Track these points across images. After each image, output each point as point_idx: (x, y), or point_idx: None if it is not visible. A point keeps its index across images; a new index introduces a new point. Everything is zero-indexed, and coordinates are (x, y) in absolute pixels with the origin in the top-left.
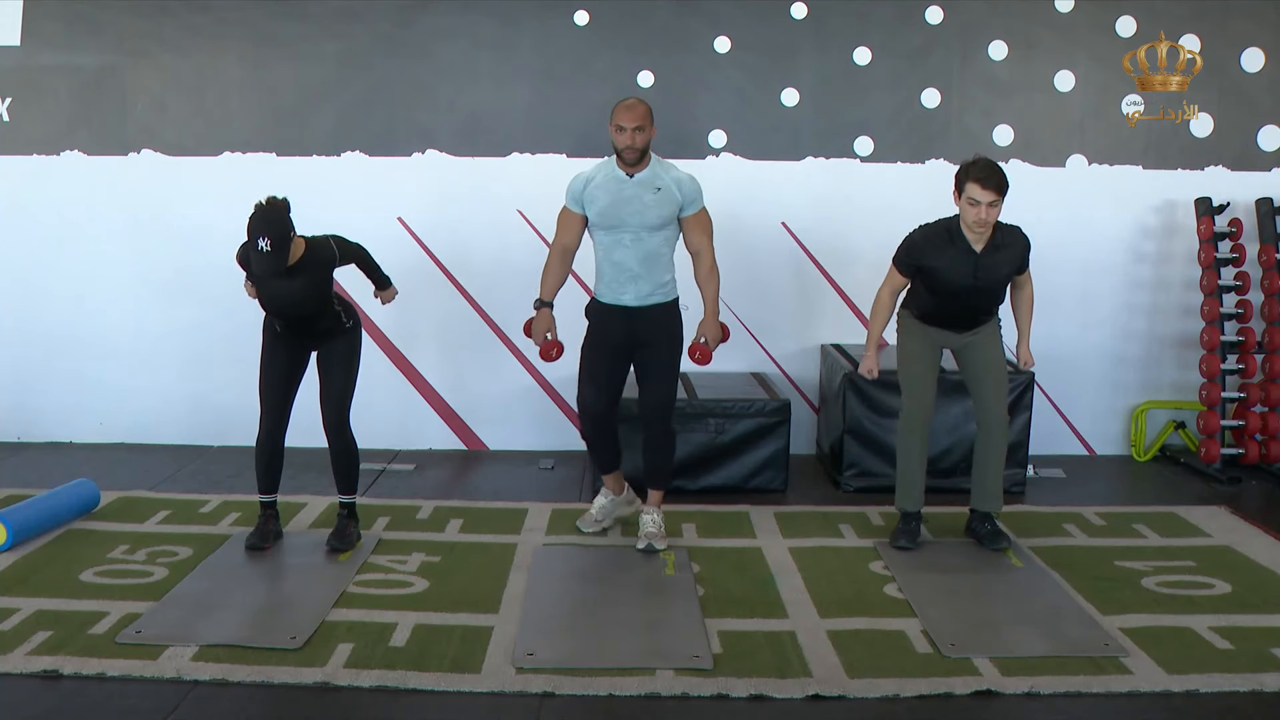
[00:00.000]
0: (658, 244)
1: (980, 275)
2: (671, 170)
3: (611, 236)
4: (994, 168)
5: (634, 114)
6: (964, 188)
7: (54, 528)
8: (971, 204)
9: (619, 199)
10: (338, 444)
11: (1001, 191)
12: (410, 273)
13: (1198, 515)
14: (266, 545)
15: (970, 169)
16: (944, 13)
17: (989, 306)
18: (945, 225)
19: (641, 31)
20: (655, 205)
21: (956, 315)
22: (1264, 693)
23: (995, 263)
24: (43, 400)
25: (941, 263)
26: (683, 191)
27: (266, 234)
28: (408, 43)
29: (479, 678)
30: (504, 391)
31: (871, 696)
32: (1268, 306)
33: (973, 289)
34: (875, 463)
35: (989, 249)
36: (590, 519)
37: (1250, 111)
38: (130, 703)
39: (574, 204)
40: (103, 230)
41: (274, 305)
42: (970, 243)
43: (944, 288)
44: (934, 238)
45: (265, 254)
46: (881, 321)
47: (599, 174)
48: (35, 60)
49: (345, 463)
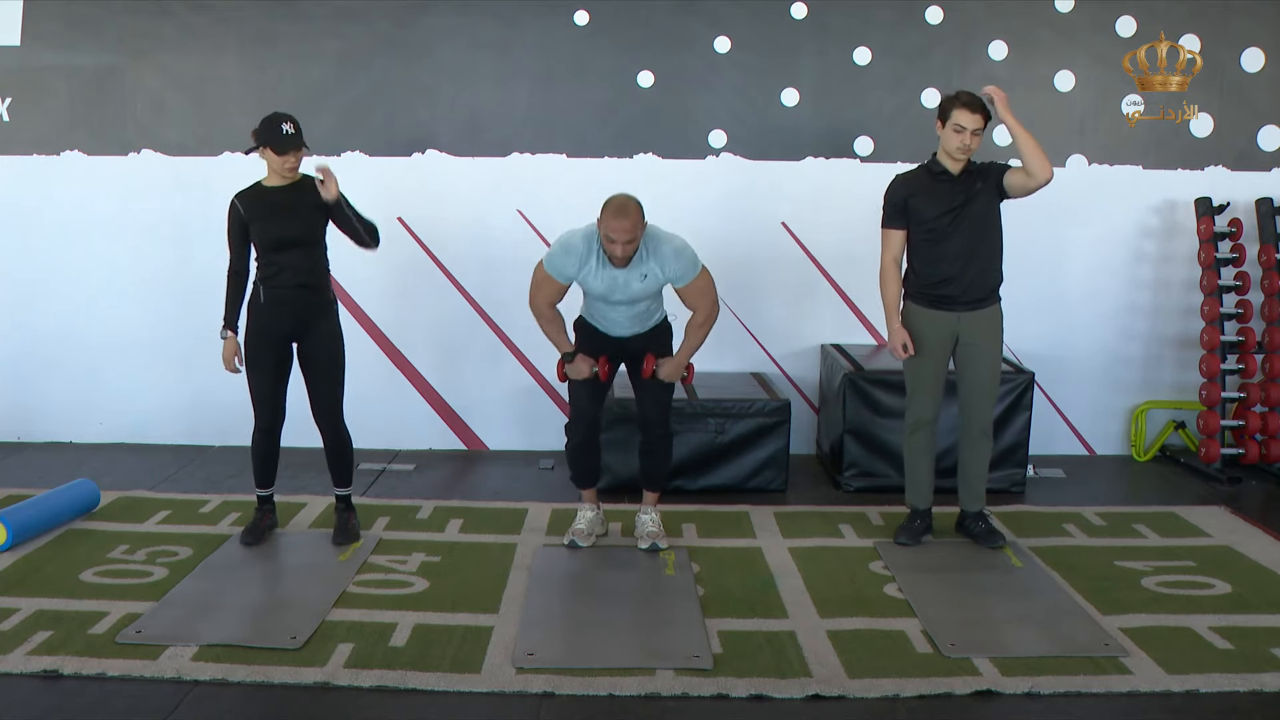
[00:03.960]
0: (648, 303)
1: (962, 199)
2: (660, 246)
3: (603, 300)
4: (978, 97)
5: (626, 225)
6: (950, 114)
7: (54, 528)
8: (957, 130)
9: (613, 285)
10: (331, 435)
11: (986, 117)
12: (410, 272)
13: (1198, 515)
14: (261, 541)
15: (957, 95)
16: (944, 13)
17: (987, 258)
18: (921, 165)
19: (641, 31)
20: (645, 286)
21: (957, 279)
22: (1264, 693)
23: (976, 189)
24: (43, 400)
25: (922, 195)
26: (667, 273)
27: (290, 120)
28: (408, 43)
29: (479, 678)
30: (504, 391)
31: (871, 696)
32: (1268, 306)
33: (961, 227)
34: (875, 463)
35: (965, 174)
36: (582, 534)
37: (1250, 111)
38: (130, 703)
39: (560, 278)
40: (103, 230)
41: (272, 232)
42: (947, 166)
43: (931, 219)
44: (912, 175)
45: (289, 135)
46: (893, 289)
47: (590, 259)
48: (35, 60)
49: (340, 454)
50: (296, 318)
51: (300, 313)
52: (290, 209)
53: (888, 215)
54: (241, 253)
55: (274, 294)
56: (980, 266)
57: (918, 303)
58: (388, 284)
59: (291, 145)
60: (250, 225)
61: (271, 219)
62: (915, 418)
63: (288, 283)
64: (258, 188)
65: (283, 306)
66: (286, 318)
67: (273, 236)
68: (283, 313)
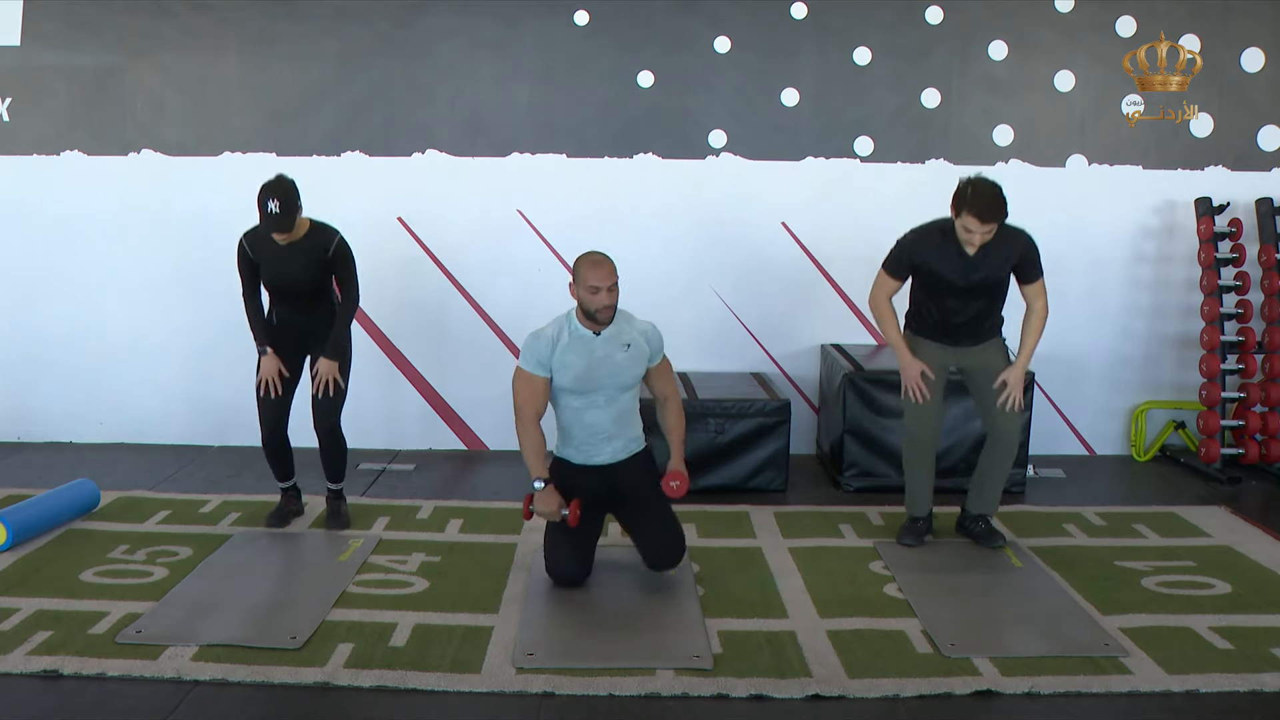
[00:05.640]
0: (629, 400)
1: (974, 270)
2: (632, 320)
3: (584, 399)
4: (993, 199)
5: (606, 270)
6: (961, 214)
7: (54, 528)
8: (966, 231)
9: (591, 361)
10: (328, 442)
11: (1001, 219)
12: (410, 272)
13: (1198, 515)
14: (286, 524)
15: (970, 200)
16: (944, 13)
17: (988, 309)
18: (939, 225)
19: (641, 31)
20: (628, 364)
21: (958, 325)
22: (1264, 693)
23: (991, 260)
24: (43, 400)
25: (935, 258)
26: (650, 343)
27: (276, 196)
28: (408, 43)
29: (479, 678)
30: (504, 391)
31: (871, 696)
32: (1268, 306)
33: (968, 288)
34: (875, 463)
35: (984, 248)
36: None
37: (1250, 111)
38: (130, 703)
39: (539, 369)
40: (103, 230)
41: (275, 278)
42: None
43: (939, 285)
44: (927, 236)
45: (273, 215)
46: (892, 320)
47: (563, 335)
48: (35, 60)
49: (334, 456)
50: (306, 334)
51: (310, 330)
52: (294, 265)
53: (892, 264)
54: (252, 282)
55: (284, 318)
56: (985, 312)
57: (915, 332)
58: (388, 284)
59: (274, 228)
60: (259, 265)
61: (278, 266)
62: (914, 439)
63: (297, 314)
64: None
65: (293, 329)
66: (296, 338)
67: (280, 284)
68: (292, 335)
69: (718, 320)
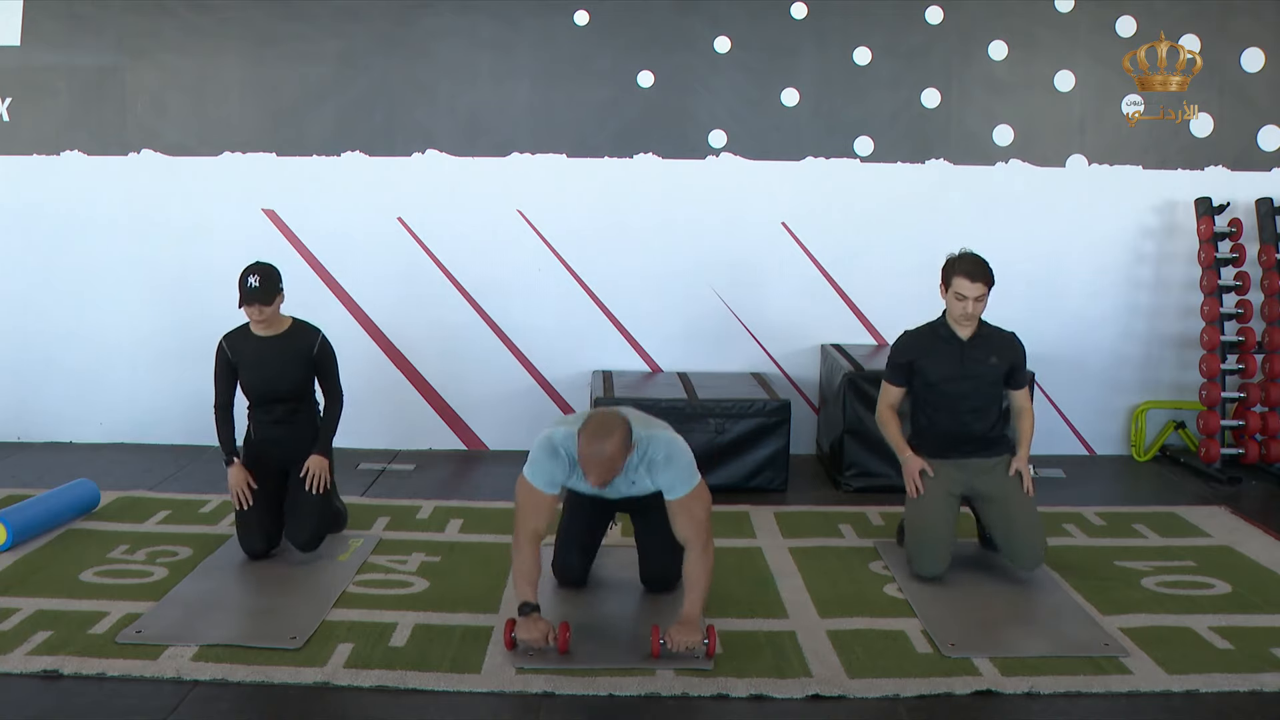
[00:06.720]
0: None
1: (969, 365)
2: (650, 449)
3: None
4: (980, 261)
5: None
6: (951, 281)
7: (54, 528)
8: (959, 298)
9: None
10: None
11: (988, 284)
12: (410, 272)
13: (1198, 515)
14: None
15: (957, 263)
16: (944, 13)
17: (986, 408)
18: (930, 325)
19: (641, 31)
20: (637, 490)
21: (960, 435)
22: (1264, 693)
23: (983, 354)
24: (43, 400)
25: (929, 356)
26: (656, 481)
27: (256, 272)
28: (408, 43)
29: (479, 678)
30: (504, 391)
31: (871, 696)
32: (1268, 306)
33: (965, 390)
34: (875, 463)
35: (975, 339)
36: None
37: (1250, 111)
38: (130, 703)
39: (548, 486)
40: (103, 230)
41: (255, 381)
42: (955, 331)
43: (936, 388)
44: (919, 335)
45: (253, 288)
46: (895, 425)
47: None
48: (35, 60)
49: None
50: (288, 449)
51: (293, 448)
52: (276, 362)
53: (889, 369)
54: (227, 391)
55: (265, 431)
56: (984, 418)
57: (921, 452)
58: (388, 284)
59: (252, 299)
60: (238, 369)
61: (258, 369)
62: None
63: (279, 424)
64: (244, 330)
65: (275, 446)
66: (277, 455)
67: (260, 391)
68: (273, 451)
69: (718, 320)
